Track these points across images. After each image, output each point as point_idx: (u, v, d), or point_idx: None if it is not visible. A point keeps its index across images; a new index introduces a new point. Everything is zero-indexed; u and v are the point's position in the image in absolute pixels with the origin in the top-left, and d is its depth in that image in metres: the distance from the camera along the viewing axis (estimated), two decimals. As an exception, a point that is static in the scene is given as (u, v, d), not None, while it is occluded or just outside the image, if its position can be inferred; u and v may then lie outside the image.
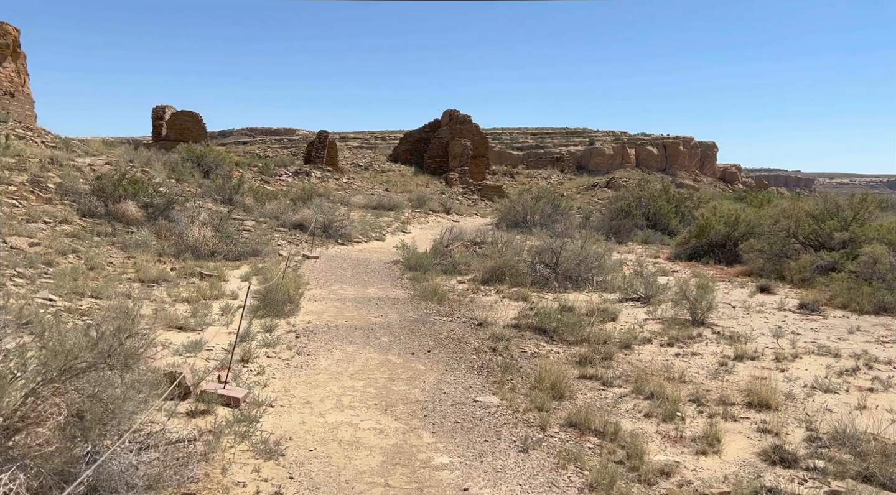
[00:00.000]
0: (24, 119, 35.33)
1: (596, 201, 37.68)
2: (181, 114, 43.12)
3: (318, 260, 16.06)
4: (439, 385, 6.73)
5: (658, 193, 27.20)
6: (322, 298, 11.55)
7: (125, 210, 15.53)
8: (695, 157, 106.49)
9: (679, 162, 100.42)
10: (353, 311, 10.48)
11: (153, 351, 6.52)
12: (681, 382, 7.65)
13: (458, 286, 14.08)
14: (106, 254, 12.89)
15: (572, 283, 14.65)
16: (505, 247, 18.38)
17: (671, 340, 9.77)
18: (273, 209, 21.63)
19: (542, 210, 26.02)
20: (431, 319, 10.01)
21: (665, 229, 25.94)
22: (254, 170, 34.61)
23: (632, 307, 12.61)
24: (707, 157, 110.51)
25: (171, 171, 24.04)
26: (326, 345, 8.09)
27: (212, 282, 11.77)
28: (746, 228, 19.45)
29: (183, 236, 14.61)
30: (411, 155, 51.68)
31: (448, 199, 35.85)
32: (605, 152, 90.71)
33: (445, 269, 15.63)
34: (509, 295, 13.21)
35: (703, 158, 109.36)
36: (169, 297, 10.20)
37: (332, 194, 30.77)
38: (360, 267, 15.58)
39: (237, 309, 9.79)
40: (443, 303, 11.55)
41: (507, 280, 14.40)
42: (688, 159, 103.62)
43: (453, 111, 50.75)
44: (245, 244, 15.75)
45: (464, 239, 20.66)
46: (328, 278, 13.78)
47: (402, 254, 16.83)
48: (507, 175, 51.05)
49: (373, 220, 25.58)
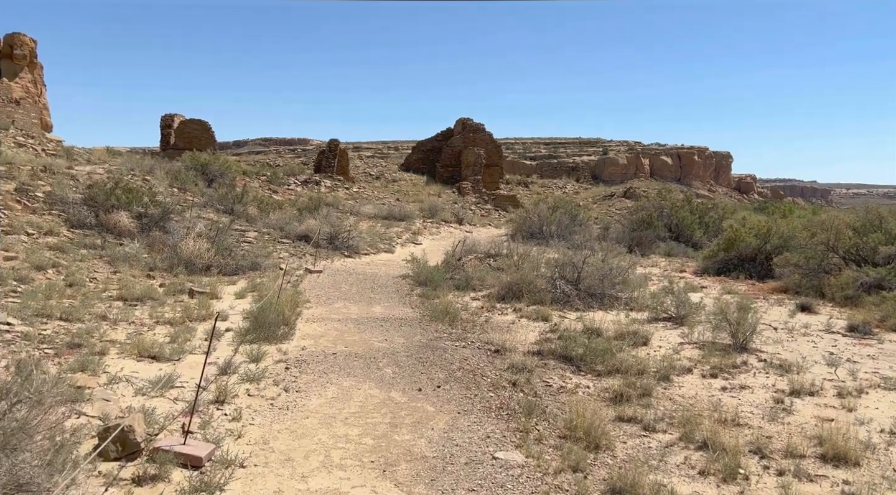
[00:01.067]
0: (29, 127, 34.73)
1: (614, 211, 36.43)
2: (189, 122, 42.42)
3: (322, 274, 15.00)
4: (451, 433, 5.61)
5: (680, 203, 25.96)
6: (322, 318, 10.47)
7: (117, 220, 14.58)
8: (710, 167, 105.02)
9: (694, 172, 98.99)
10: (354, 335, 9.39)
11: (100, 394, 5.47)
12: (735, 426, 6.49)
13: (471, 303, 12.97)
14: (90, 268, 11.90)
15: (596, 301, 13.50)
16: (521, 260, 17.26)
17: (714, 370, 8.61)
18: (278, 219, 20.65)
19: (559, 221, 24.85)
20: (442, 345, 8.89)
21: (688, 241, 24.70)
22: (262, 180, 33.75)
23: (663, 328, 11.45)
24: (722, 168, 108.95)
25: (174, 180, 23.16)
26: (320, 379, 6.99)
27: (202, 300, 10.74)
28: (779, 241, 18.21)
29: (176, 249, 13.62)
30: (423, 164, 50.70)
31: (460, 209, 34.77)
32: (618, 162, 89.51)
33: (458, 285, 14.53)
34: (528, 314, 12.08)
35: (718, 168, 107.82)
36: (150, 319, 9.16)
37: (341, 204, 29.80)
38: (367, 282, 14.51)
39: (224, 333, 8.73)
40: (455, 325, 10.43)
41: (524, 297, 13.28)
42: (702, 169, 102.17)
43: (466, 119, 49.76)
44: (244, 257, 14.74)
45: (477, 251, 19.55)
46: (330, 295, 12.71)
47: (412, 268, 15.75)
48: (520, 184, 49.88)
49: (382, 231, 24.54)
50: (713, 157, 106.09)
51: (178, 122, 42.93)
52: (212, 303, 10.54)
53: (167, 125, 43.38)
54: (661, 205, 26.10)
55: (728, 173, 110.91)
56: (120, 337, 8.01)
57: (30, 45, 50.75)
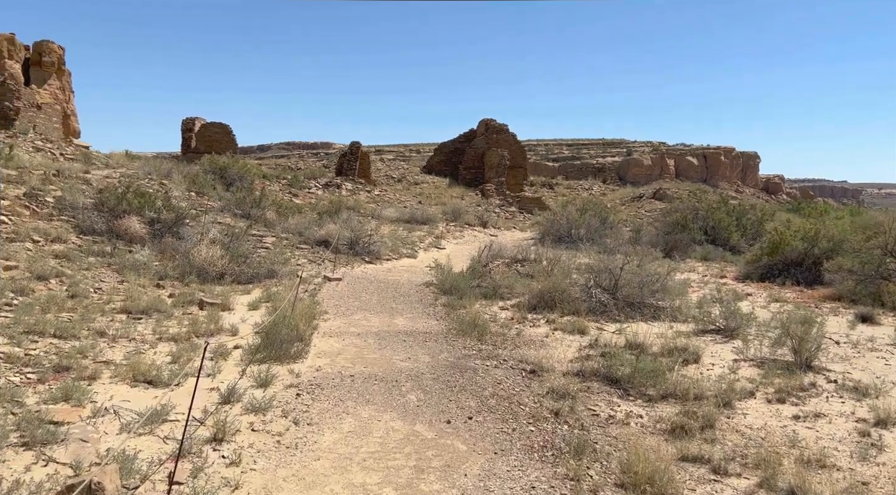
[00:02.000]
0: (51, 132, 34.60)
1: (643, 213, 35.22)
2: (210, 125, 42.06)
3: (341, 282, 14.20)
4: (487, 482, 4.72)
5: (716, 205, 24.76)
6: (340, 332, 9.64)
7: (128, 226, 13.93)
8: (736, 168, 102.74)
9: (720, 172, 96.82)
10: (375, 352, 8.53)
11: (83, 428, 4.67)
12: (821, 467, 5.50)
13: (500, 314, 12.07)
14: (96, 278, 11.22)
15: (635, 310, 12.51)
16: (552, 266, 16.31)
17: (780, 394, 7.60)
18: (297, 224, 19.92)
19: (588, 223, 23.83)
20: (472, 364, 7.99)
21: (725, 244, 23.49)
22: (282, 183, 33.17)
23: (712, 342, 10.44)
24: (749, 168, 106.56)
25: (192, 184, 22.58)
26: (335, 408, 6.14)
27: (212, 312, 9.97)
28: (828, 245, 17.01)
29: (188, 256, 12.91)
30: (446, 166, 49.82)
31: (484, 212, 33.84)
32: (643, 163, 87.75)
33: (485, 293, 13.63)
34: (562, 326, 11.14)
35: (745, 169, 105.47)
36: (153, 335, 8.39)
37: (362, 207, 29.06)
38: (389, 290, 13.67)
39: (232, 351, 7.93)
40: (484, 340, 9.53)
41: (558, 306, 12.34)
42: (729, 170, 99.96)
43: (489, 120, 48.79)
44: (260, 264, 13.99)
45: (504, 256, 18.64)
46: (350, 305, 11.89)
47: (436, 275, 14.89)
48: (545, 186, 48.76)
49: (404, 235, 23.72)
50: (740, 158, 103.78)
51: (198, 126, 42.61)
52: (222, 316, 9.77)
53: (188, 129, 43.08)
54: (695, 207, 24.92)
55: (755, 174, 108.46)
56: (117, 356, 7.25)
57: (58, 52, 50.97)
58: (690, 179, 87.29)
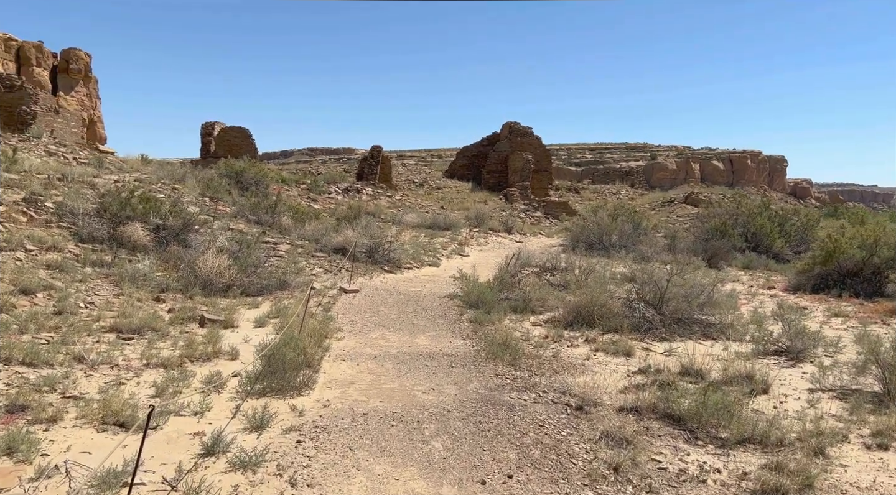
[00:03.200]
0: (68, 136, 34.12)
1: (675, 218, 33.69)
2: (230, 130, 41.41)
3: (358, 294, 13.10)
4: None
5: (758, 209, 23.28)
6: (354, 355, 8.52)
7: (131, 233, 12.99)
8: (763, 172, 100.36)
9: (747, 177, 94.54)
10: (393, 380, 7.39)
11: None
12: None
13: (533, 331, 10.88)
14: (90, 291, 10.24)
15: (682, 327, 11.24)
16: (585, 276, 15.07)
17: (879, 437, 6.32)
18: (313, 230, 18.90)
19: (621, 229, 22.50)
20: (507, 398, 6.81)
21: (768, 252, 22.02)
22: (301, 188, 32.32)
23: (777, 366, 9.16)
24: (776, 172, 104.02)
25: (206, 188, 21.72)
26: (343, 460, 5.00)
27: (212, 330, 8.93)
28: (891, 253, 15.56)
29: (193, 266, 11.92)
30: (468, 170, 48.69)
31: (509, 217, 32.62)
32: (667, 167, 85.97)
33: (515, 306, 12.44)
34: (603, 345, 9.93)
35: (772, 173, 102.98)
36: (141, 359, 7.35)
37: (383, 212, 28.03)
38: (409, 303, 12.54)
39: (230, 379, 6.85)
40: (518, 364, 8.34)
41: (596, 322, 11.12)
42: (756, 174, 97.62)
43: (513, 123, 47.57)
44: (271, 274, 12.96)
45: (532, 264, 17.44)
46: (367, 321, 10.78)
47: (461, 286, 13.74)
48: (570, 190, 47.35)
49: (426, 242, 22.61)
50: (767, 162, 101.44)
51: (218, 130, 42.01)
52: (223, 336, 8.71)
53: (207, 133, 42.51)
54: (735, 212, 23.47)
55: (783, 178, 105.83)
56: (92, 389, 6.20)
57: (84, 59, 51.04)
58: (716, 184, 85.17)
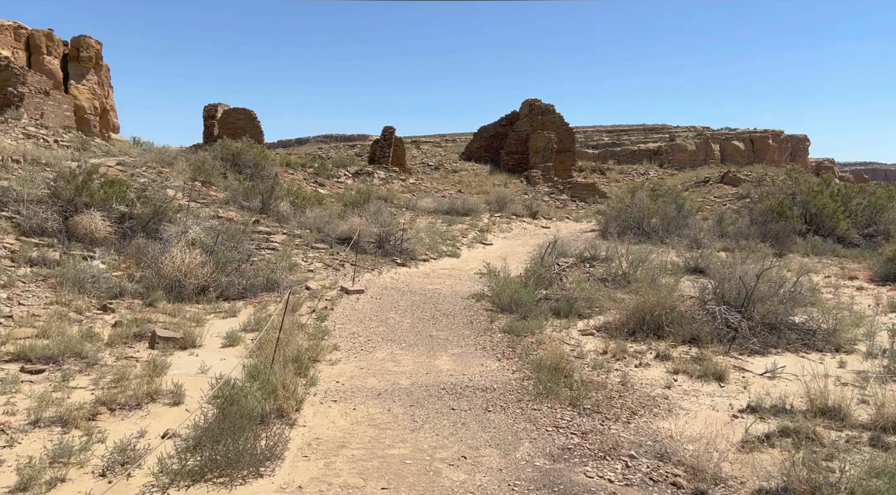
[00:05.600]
0: (61, 120, 31.97)
1: (713, 199, 30.88)
2: (233, 111, 39.08)
3: (364, 295, 10.73)
4: None
5: (818, 187, 20.54)
6: (350, 390, 6.15)
7: (88, 224, 10.68)
8: (785, 152, 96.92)
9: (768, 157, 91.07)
10: (404, 439, 5.01)
11: None
12: None
13: (584, 342, 8.45)
14: (14, 299, 7.95)
15: (775, 335, 8.75)
16: (634, 268, 12.58)
17: None
18: (315, 217, 16.53)
19: (663, 212, 19.90)
20: (580, 477, 4.39)
21: (830, 235, 19.32)
22: (308, 172, 29.98)
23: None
24: (798, 151, 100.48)
25: (198, 172, 19.42)
26: None
27: (166, 351, 6.62)
28: None
29: (157, 264, 9.60)
30: (486, 152, 46.04)
31: (532, 200, 30.05)
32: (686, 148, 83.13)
33: (557, 309, 10.02)
34: (683, 364, 7.49)
35: (794, 153, 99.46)
36: (37, 408, 5.01)
37: (395, 197, 25.61)
38: (426, 306, 10.15)
39: (157, 446, 4.48)
40: (581, 404, 5.91)
41: (666, 331, 8.67)
42: (777, 154, 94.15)
43: (534, 100, 44.74)
44: (257, 272, 10.62)
45: (567, 253, 14.95)
46: (372, 333, 8.41)
47: (488, 283, 11.29)
48: (595, 171, 44.56)
49: (444, 229, 20.19)
50: (788, 141, 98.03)
51: (221, 112, 39.73)
52: (172, 363, 6.37)
53: (210, 116, 40.27)
54: (792, 190, 20.75)
55: (805, 157, 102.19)
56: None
57: (95, 47, 48.97)
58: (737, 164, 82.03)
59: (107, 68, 50.95)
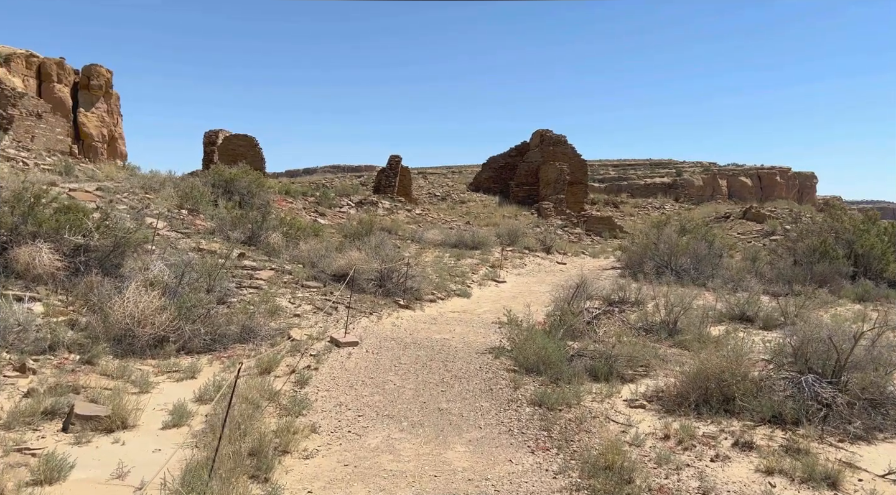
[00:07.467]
0: (53, 143, 30.59)
1: (736, 236, 29.09)
2: (234, 137, 37.73)
3: (358, 348, 8.88)
4: None
5: (864, 225, 18.72)
6: (327, 508, 4.28)
7: (30, 258, 8.93)
8: (793, 189, 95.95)
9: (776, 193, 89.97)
10: None
11: None
12: None
13: (636, 420, 6.58)
14: None
15: (877, 412, 6.86)
16: (676, 316, 10.73)
17: None
18: (309, 250, 14.77)
19: (693, 250, 18.09)
20: None
21: (879, 277, 17.45)
22: (308, 200, 28.39)
23: None
24: (806, 189, 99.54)
25: (185, 199, 17.77)
26: None
27: (78, 438, 4.81)
28: None
29: (104, 310, 7.81)
30: (495, 183, 44.48)
31: (546, 234, 28.30)
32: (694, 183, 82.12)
33: (594, 369, 8.16)
34: (775, 460, 5.61)
35: (802, 190, 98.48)
36: None
37: (400, 228, 23.89)
38: (433, 365, 8.30)
39: None
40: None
41: (737, 405, 6.80)
42: (785, 190, 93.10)
43: (545, 131, 43.33)
44: (230, 319, 8.80)
45: (593, 294, 13.13)
46: (365, 405, 6.56)
47: (507, 334, 9.43)
48: (608, 204, 42.87)
49: (452, 264, 18.40)
50: (796, 178, 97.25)
51: (222, 138, 38.41)
52: (75, 461, 4.53)
53: (211, 142, 38.93)
54: (834, 228, 18.95)
55: (813, 194, 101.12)
56: None
57: (105, 75, 48.15)
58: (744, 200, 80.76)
59: (116, 97, 50.16)
